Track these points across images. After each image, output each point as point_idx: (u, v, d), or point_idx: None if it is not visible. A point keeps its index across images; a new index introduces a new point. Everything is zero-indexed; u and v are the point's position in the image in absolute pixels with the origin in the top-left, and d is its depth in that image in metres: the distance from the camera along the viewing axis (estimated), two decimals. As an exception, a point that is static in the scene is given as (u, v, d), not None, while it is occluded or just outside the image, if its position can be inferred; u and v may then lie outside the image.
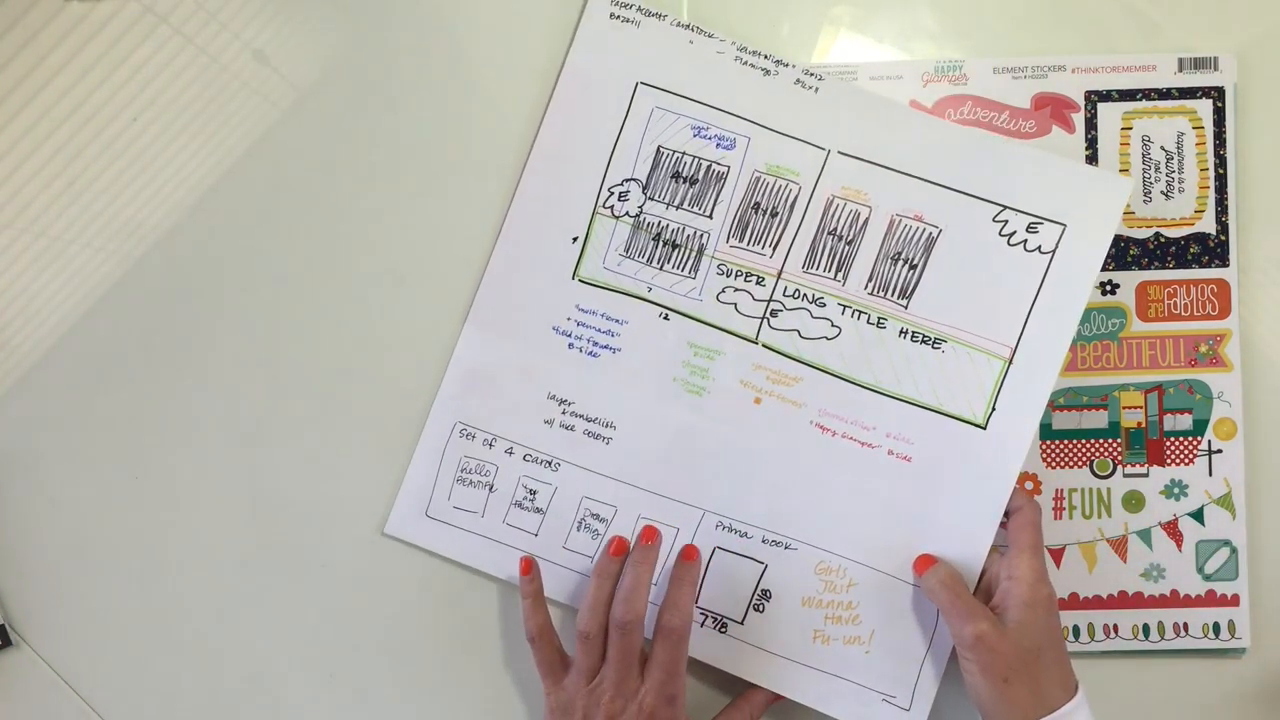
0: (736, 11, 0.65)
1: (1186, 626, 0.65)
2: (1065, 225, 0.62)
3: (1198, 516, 0.65)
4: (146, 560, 0.67)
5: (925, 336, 0.63)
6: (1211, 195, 0.65)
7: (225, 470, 0.66)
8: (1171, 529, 0.65)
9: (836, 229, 0.64)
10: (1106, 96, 0.65)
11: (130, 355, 0.66)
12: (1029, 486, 0.66)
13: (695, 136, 0.64)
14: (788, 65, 0.64)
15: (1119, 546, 0.65)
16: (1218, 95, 0.64)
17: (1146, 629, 0.65)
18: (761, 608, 0.64)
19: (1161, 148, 0.65)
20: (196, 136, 0.66)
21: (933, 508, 0.63)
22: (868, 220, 0.63)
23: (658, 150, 0.64)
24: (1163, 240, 0.65)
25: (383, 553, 0.66)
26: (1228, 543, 0.65)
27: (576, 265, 0.65)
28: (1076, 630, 0.65)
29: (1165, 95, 0.65)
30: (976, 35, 0.65)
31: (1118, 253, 0.65)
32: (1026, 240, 0.62)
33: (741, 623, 0.64)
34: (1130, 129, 0.65)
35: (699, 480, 0.64)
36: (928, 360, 0.63)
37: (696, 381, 0.64)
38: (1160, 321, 0.65)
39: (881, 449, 0.63)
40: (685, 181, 0.64)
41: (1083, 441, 0.65)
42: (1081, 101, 0.65)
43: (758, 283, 0.64)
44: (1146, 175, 0.65)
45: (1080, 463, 0.65)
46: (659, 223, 0.64)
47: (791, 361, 0.64)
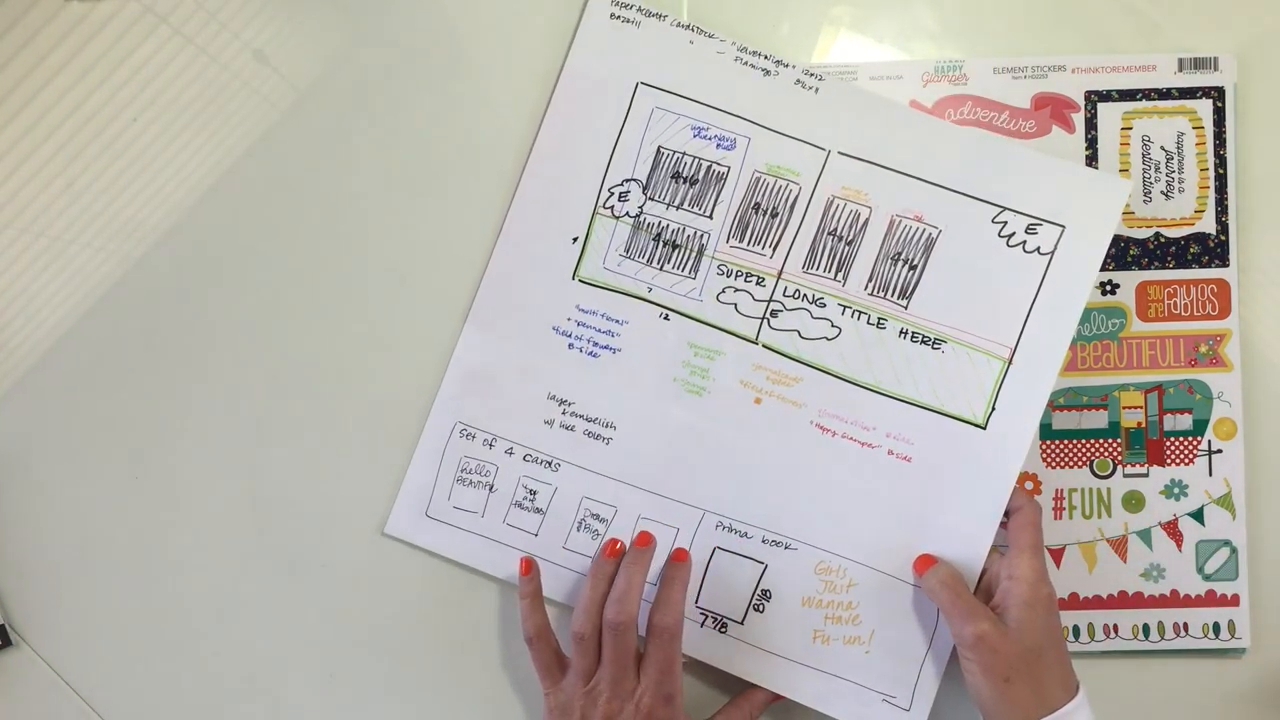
0: (736, 12, 0.65)
1: (1186, 626, 0.65)
2: (1064, 226, 0.62)
3: (1198, 516, 0.65)
4: (146, 560, 0.67)
5: (925, 337, 0.63)
6: (1211, 195, 0.65)
7: (225, 470, 0.66)
8: (1171, 529, 0.65)
9: (836, 229, 0.64)
10: (1106, 96, 0.65)
11: (130, 355, 0.66)
12: (1029, 486, 0.65)
13: (695, 137, 0.64)
14: (788, 65, 0.64)
15: (1119, 546, 0.65)
16: (1218, 95, 0.64)
17: (1146, 629, 0.65)
18: (761, 608, 0.64)
19: (1161, 148, 0.65)
20: (196, 136, 0.66)
21: (933, 508, 0.63)
22: (868, 221, 0.63)
23: (658, 150, 0.64)
24: (1163, 240, 0.65)
25: (383, 553, 0.66)
26: (1228, 543, 0.65)
27: (577, 265, 0.65)
28: (1076, 630, 0.65)
29: (1165, 95, 0.65)
30: (976, 35, 0.65)
31: (1118, 253, 0.65)
32: (1026, 241, 0.62)
33: (741, 623, 0.64)
34: (1130, 129, 0.65)
35: (699, 480, 0.64)
36: (928, 360, 0.63)
37: (697, 382, 0.64)
38: (1160, 321, 0.65)
39: (881, 449, 0.63)
40: (685, 182, 0.64)
41: (1083, 441, 0.65)
42: (1081, 101, 0.65)
43: (758, 283, 0.64)
44: (1146, 175, 0.65)
45: (1080, 463, 0.65)
46: (659, 223, 0.64)
47: (791, 362, 0.64)
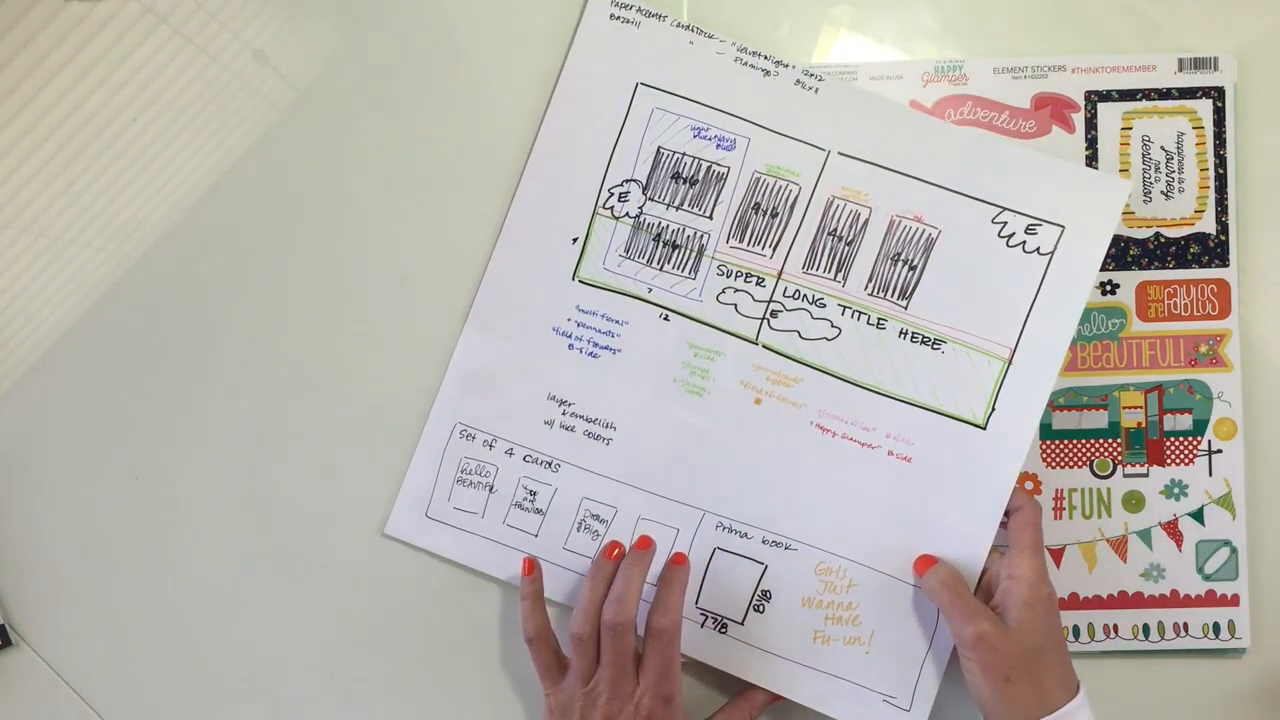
0: (736, 12, 0.65)
1: (1186, 626, 0.65)
2: (1064, 227, 0.62)
3: (1198, 516, 0.65)
4: (146, 560, 0.67)
5: (925, 337, 0.63)
6: (1211, 195, 0.65)
7: (225, 470, 0.66)
8: (1171, 529, 0.65)
9: (836, 229, 0.64)
10: (1106, 96, 0.65)
11: (130, 355, 0.66)
12: (1029, 486, 0.65)
13: (695, 137, 0.64)
14: (788, 66, 0.64)
15: (1119, 546, 0.65)
16: (1218, 95, 0.64)
17: (1146, 629, 0.65)
18: (761, 608, 0.64)
19: (1161, 148, 0.65)
20: (196, 136, 0.66)
21: (933, 508, 0.63)
22: (867, 221, 0.63)
23: (658, 151, 0.64)
24: (1163, 240, 0.65)
25: (383, 553, 0.66)
26: (1228, 543, 0.65)
27: (576, 266, 0.65)
28: (1076, 630, 0.65)
29: (1165, 95, 0.65)
30: (976, 35, 0.65)
31: (1118, 253, 0.65)
32: (1025, 241, 0.62)
33: (741, 623, 0.64)
34: (1130, 129, 0.65)
35: (699, 481, 0.64)
36: (927, 361, 0.63)
37: (697, 382, 0.64)
38: (1160, 321, 0.65)
39: (881, 449, 0.63)
40: (685, 182, 0.64)
41: (1083, 441, 0.65)
42: (1081, 101, 0.65)
43: (758, 283, 0.64)
44: (1146, 175, 0.65)
45: (1080, 463, 0.65)
46: (659, 223, 0.64)
47: (791, 362, 0.64)
